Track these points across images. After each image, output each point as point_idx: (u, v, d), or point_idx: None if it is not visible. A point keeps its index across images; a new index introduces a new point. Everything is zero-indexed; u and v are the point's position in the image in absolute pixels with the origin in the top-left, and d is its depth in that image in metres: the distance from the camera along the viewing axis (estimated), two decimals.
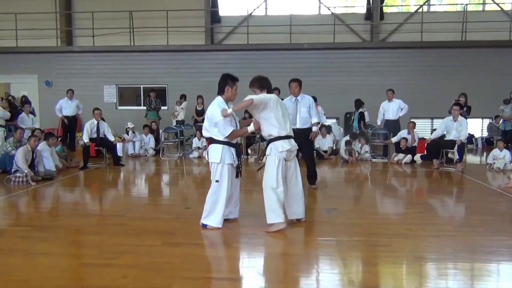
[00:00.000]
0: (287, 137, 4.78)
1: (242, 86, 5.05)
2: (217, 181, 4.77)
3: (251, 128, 4.81)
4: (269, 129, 4.74)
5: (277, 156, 4.67)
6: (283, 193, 4.70)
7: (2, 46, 15.94)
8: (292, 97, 7.08)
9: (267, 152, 4.80)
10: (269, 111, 4.66)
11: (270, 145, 4.76)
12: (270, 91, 4.93)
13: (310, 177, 7.30)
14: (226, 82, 4.80)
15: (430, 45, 14.93)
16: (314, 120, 7.10)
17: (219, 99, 4.80)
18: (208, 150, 4.93)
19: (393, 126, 11.13)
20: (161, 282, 3.48)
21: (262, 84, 4.90)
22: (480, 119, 15.25)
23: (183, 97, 13.77)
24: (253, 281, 3.57)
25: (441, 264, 3.96)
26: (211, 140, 4.85)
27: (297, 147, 4.95)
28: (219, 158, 4.74)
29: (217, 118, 4.65)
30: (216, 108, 4.71)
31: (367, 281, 3.60)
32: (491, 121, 14.25)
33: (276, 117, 4.69)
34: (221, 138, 4.75)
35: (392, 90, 11.23)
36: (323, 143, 11.42)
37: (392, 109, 11.14)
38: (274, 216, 4.64)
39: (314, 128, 7.19)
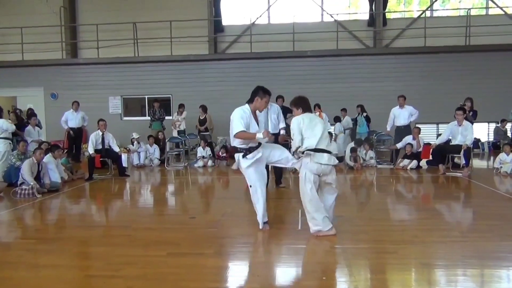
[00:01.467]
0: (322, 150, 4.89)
1: (244, 95, 5.13)
2: (250, 186, 5.07)
3: (259, 135, 4.88)
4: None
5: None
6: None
7: (9, 60, 16.12)
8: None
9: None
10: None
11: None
12: (306, 109, 5.14)
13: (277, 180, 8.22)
14: (257, 92, 5.12)
15: (433, 50, 14.91)
16: (282, 125, 7.86)
17: (245, 106, 5.12)
18: (236, 159, 5.15)
19: (404, 132, 11.10)
20: None
21: (298, 103, 5.18)
22: (486, 123, 15.16)
23: (182, 106, 13.79)
24: None
25: (449, 270, 3.91)
26: (234, 149, 5.12)
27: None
28: (245, 164, 4.97)
29: (233, 118, 4.98)
30: (237, 111, 5.02)
31: None
32: (497, 125, 14.16)
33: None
34: (243, 146, 4.99)
35: (403, 96, 11.23)
36: None
37: (403, 115, 11.14)
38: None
39: (282, 132, 7.85)
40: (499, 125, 13.78)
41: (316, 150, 4.76)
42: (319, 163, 4.74)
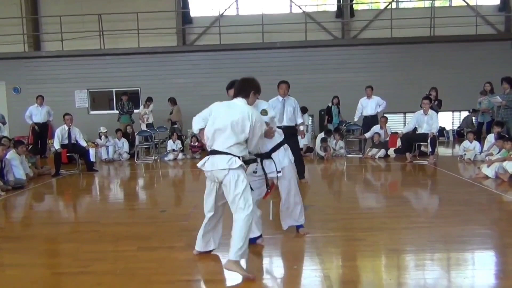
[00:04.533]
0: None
1: (214, 87, 5.03)
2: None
3: None
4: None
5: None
6: None
7: None
8: (279, 97, 7.26)
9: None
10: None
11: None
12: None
13: (299, 172, 7.26)
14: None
15: (399, 41, 15.18)
16: (299, 120, 7.45)
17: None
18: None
19: (371, 122, 11.29)
20: (137, 287, 3.42)
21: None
22: (451, 112, 15.62)
23: (150, 100, 13.61)
24: (230, 281, 3.54)
25: (416, 255, 4.02)
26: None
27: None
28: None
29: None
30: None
31: (343, 275, 3.62)
32: (469, 113, 14.27)
33: None
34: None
35: (371, 87, 11.40)
36: (298, 140, 11.45)
37: (370, 105, 11.31)
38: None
39: (302, 127, 7.65)
40: (471, 114, 13.95)
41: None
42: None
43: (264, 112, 4.02)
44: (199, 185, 8.52)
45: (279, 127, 5.24)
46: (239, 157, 3.54)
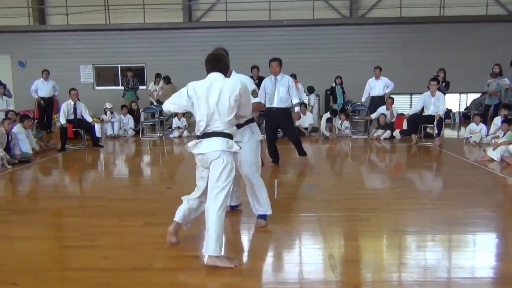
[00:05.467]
0: None
1: None
2: None
3: None
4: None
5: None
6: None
7: None
8: (271, 77, 6.99)
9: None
10: None
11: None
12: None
13: (300, 152, 7.48)
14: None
15: (408, 20, 14.96)
16: (295, 100, 7.10)
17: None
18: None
19: (378, 103, 11.23)
20: (142, 261, 3.47)
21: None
22: (458, 94, 15.48)
23: (159, 76, 13.58)
24: (235, 257, 3.59)
25: (419, 236, 4.05)
26: None
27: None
28: None
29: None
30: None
31: (347, 255, 3.66)
32: (480, 96, 14.07)
33: None
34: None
35: (380, 67, 11.30)
36: (304, 120, 11.43)
37: (378, 86, 11.24)
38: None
39: (297, 109, 7.33)
40: (481, 97, 13.77)
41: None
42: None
43: (254, 94, 3.97)
44: None
45: (269, 108, 5.17)
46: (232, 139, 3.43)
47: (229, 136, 3.42)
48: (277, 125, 7.21)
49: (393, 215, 4.61)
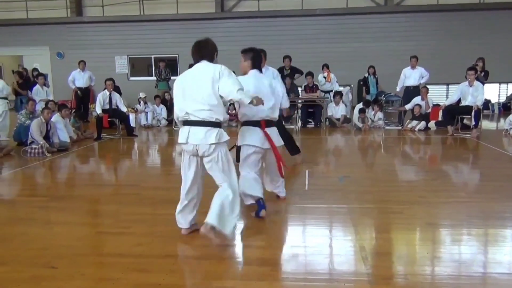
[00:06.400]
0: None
1: None
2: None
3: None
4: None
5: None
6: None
7: (13, 18, 15.90)
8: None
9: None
10: None
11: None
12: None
13: (290, 149, 6.68)
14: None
15: (446, 8, 14.49)
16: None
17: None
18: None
19: (413, 93, 10.99)
20: (174, 249, 3.55)
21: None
22: (498, 84, 14.92)
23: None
24: (265, 250, 3.61)
25: (454, 230, 3.95)
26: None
27: None
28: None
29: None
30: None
31: (378, 247, 3.62)
32: None
33: None
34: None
35: (416, 57, 11.05)
36: (336, 111, 11.32)
37: (414, 76, 11.01)
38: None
39: (283, 103, 6.26)
40: None
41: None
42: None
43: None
44: (234, 153, 8.63)
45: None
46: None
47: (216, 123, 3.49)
48: None
49: (427, 207, 4.51)
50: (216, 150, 3.50)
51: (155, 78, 14.17)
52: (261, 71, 4.55)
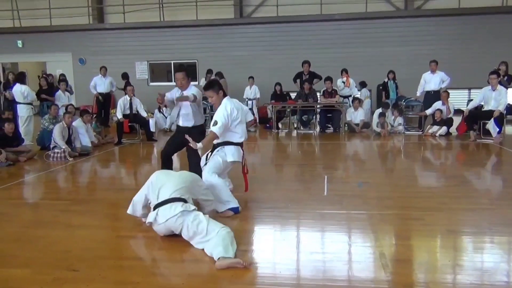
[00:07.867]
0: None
1: (271, 60, 5.00)
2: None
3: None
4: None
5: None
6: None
7: (37, 25, 16.29)
8: (178, 90, 5.74)
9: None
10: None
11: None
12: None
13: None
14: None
15: (468, 11, 14.28)
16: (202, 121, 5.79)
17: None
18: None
19: (433, 98, 10.84)
20: (195, 252, 3.57)
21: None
22: None
23: (210, 72, 13.80)
24: (283, 255, 3.61)
25: (476, 237, 3.89)
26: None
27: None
28: None
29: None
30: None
31: (399, 254, 3.58)
32: None
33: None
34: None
35: (436, 61, 10.92)
36: (355, 116, 11.25)
37: (434, 80, 10.87)
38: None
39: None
40: None
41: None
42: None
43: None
44: (254, 158, 8.65)
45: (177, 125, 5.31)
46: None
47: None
48: (182, 143, 5.55)
49: (449, 214, 4.45)
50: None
51: (174, 84, 14.25)
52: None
